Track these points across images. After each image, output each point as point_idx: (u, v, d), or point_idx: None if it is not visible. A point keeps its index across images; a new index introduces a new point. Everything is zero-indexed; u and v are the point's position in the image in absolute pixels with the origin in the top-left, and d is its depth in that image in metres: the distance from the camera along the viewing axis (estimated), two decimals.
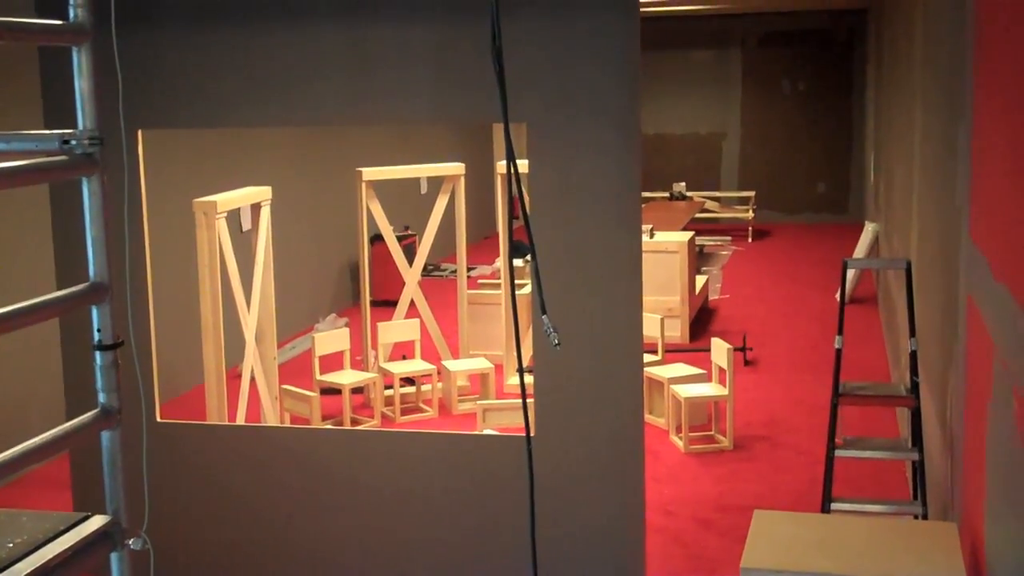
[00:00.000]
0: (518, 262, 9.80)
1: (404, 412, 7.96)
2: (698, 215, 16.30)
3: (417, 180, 12.06)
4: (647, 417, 7.56)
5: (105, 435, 2.88)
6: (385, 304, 10.61)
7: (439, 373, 8.12)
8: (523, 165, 5.30)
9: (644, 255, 5.28)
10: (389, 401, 8.00)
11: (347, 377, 7.74)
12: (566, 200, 4.71)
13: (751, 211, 16.83)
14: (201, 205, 6.44)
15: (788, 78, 18.08)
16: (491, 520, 4.94)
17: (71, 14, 2.74)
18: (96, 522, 2.81)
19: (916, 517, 4.78)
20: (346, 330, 8.09)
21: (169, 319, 7.32)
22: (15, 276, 7.00)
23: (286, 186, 10.00)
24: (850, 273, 10.76)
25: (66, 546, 2.66)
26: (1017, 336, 2.63)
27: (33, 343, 6.89)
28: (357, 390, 8.17)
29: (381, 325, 8.17)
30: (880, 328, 10.36)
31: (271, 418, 7.17)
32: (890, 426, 7.33)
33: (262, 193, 7.04)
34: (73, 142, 2.74)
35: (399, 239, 8.99)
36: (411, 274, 8.33)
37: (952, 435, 4.21)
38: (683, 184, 17.27)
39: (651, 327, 7.83)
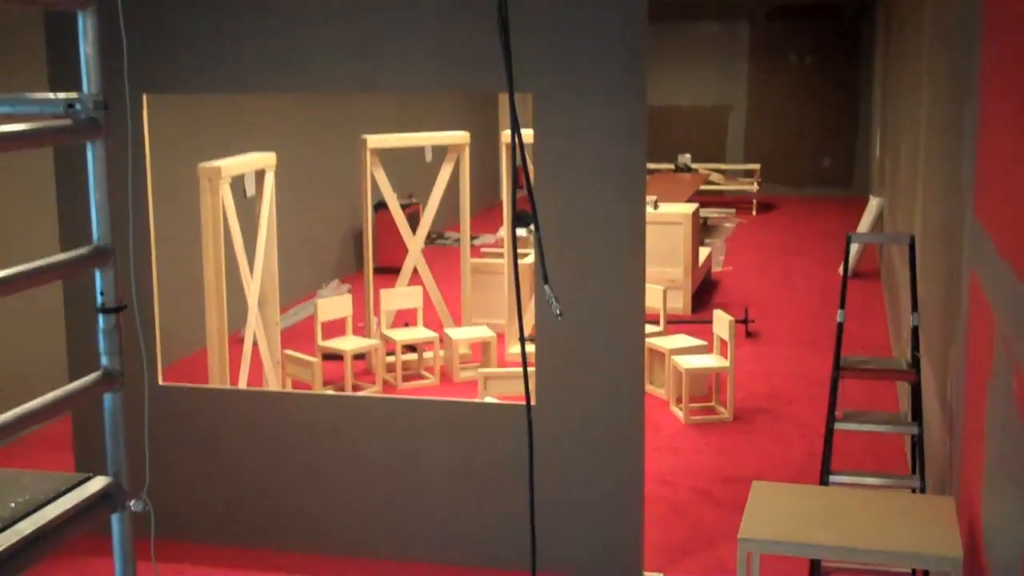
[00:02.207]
0: (521, 231, 9.80)
1: (405, 379, 7.98)
2: (703, 187, 16.27)
3: (422, 148, 12.00)
4: (648, 388, 7.57)
5: (107, 397, 2.89)
6: (388, 271, 10.62)
7: (441, 341, 8.13)
8: (528, 135, 5.31)
9: (648, 226, 5.28)
10: (391, 368, 8.02)
11: (349, 343, 7.75)
12: (570, 170, 4.71)
13: (756, 184, 16.79)
14: (205, 170, 6.43)
15: (795, 52, 17.99)
16: (490, 487, 4.97)
17: None
18: (97, 483, 2.83)
19: (914, 491, 4.80)
20: (349, 296, 8.10)
21: (172, 283, 7.33)
22: (19, 239, 7.00)
23: (291, 152, 9.99)
24: (854, 247, 10.76)
25: (67, 506, 2.69)
26: (1019, 313, 2.63)
27: (37, 306, 6.91)
28: (359, 356, 8.19)
29: (384, 292, 8.18)
30: (882, 303, 10.36)
31: (273, 383, 7.19)
32: (890, 400, 7.34)
33: (267, 159, 7.03)
34: (78, 106, 2.73)
35: (403, 207, 8.98)
36: (414, 242, 8.33)
37: (952, 410, 4.22)
38: (688, 156, 17.23)
39: (653, 298, 7.83)
